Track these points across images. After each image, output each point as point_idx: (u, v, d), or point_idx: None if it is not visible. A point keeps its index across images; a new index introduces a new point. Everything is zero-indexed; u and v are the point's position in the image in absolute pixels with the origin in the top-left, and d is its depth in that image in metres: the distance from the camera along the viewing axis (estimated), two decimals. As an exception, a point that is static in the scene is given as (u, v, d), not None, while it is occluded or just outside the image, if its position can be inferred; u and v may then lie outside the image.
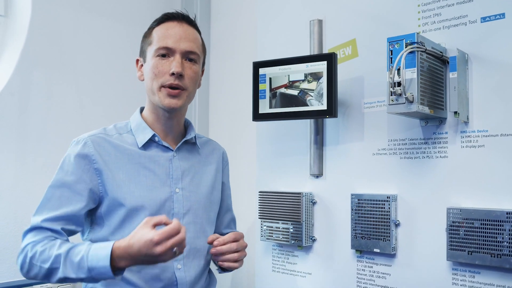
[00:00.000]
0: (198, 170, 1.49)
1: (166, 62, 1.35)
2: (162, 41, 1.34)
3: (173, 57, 1.35)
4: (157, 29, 1.38)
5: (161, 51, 1.35)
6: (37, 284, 1.83)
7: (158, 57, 1.35)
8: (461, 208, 1.41)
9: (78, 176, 1.31)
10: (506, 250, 1.32)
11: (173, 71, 1.33)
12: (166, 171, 1.40)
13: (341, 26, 1.74)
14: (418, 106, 1.31)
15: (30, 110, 1.88)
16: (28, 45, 1.88)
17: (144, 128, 1.39)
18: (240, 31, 2.18)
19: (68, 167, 1.33)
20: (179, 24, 1.38)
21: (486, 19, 1.41)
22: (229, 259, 1.37)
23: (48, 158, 1.92)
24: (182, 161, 1.44)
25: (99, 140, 1.36)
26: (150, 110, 1.42)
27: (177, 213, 1.39)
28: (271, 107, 1.74)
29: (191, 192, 1.43)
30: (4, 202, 1.79)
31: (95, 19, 2.09)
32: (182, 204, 1.40)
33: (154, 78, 1.35)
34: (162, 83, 1.34)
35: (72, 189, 1.30)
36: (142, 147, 1.38)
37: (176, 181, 1.41)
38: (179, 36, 1.36)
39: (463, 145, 1.45)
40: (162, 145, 1.41)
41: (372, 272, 1.63)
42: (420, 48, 1.33)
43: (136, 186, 1.34)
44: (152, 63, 1.35)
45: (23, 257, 1.25)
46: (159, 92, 1.35)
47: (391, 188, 1.60)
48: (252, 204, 2.03)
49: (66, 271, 1.19)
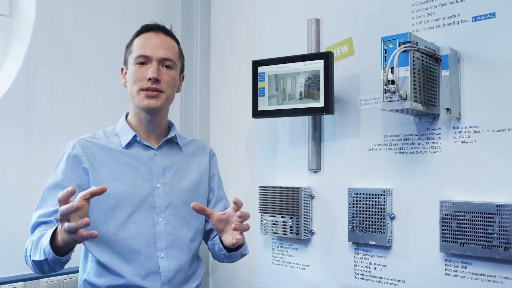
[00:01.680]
0: (181, 167, 1.57)
1: (144, 68, 1.47)
2: (140, 50, 1.48)
3: (150, 64, 1.47)
4: (137, 39, 1.51)
5: (139, 59, 1.47)
6: (43, 278, 1.87)
7: (137, 65, 1.48)
8: (453, 201, 1.45)
9: (69, 175, 1.44)
10: (496, 241, 1.36)
11: (149, 76, 1.45)
12: (148, 168, 1.50)
13: (337, 25, 1.77)
14: (411, 103, 1.35)
15: (36, 108, 1.90)
16: (33, 44, 1.90)
17: (127, 130, 1.52)
18: (240, 30, 2.19)
19: (60, 169, 1.46)
20: (155, 34, 1.51)
21: (478, 19, 1.45)
22: (244, 228, 1.34)
23: (53, 155, 1.92)
24: (164, 158, 1.54)
25: (86, 143, 1.49)
26: (134, 113, 1.54)
27: (159, 206, 1.49)
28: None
29: (173, 187, 1.52)
30: (11, 197, 1.82)
31: (98, 19, 2.11)
32: (163, 198, 1.49)
33: (134, 83, 1.47)
34: (141, 87, 1.47)
35: (64, 187, 1.33)
36: (125, 147, 1.50)
37: (158, 177, 1.50)
38: (156, 45, 1.48)
39: (455, 140, 1.49)
40: (143, 145, 1.52)
41: (369, 264, 1.68)
42: (413, 47, 1.37)
43: (119, 182, 1.45)
44: (132, 70, 1.48)
45: (24, 256, 1.37)
46: (138, 95, 1.47)
47: (387, 182, 1.64)
48: (252, 198, 2.06)
49: (34, 255, 1.28)
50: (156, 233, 1.46)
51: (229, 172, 2.21)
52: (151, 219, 1.47)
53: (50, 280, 1.87)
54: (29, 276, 1.84)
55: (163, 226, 1.48)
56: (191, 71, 2.30)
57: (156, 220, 1.47)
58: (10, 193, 1.83)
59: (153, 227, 1.46)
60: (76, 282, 1.94)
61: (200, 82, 2.32)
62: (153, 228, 1.46)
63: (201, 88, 2.33)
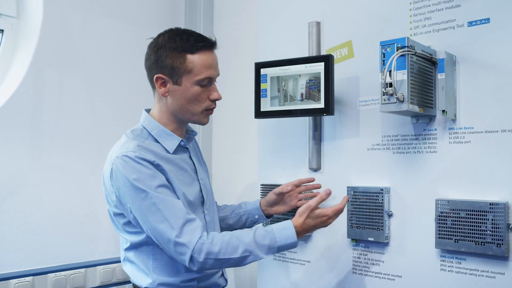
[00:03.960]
0: (199, 161, 1.65)
1: (206, 89, 1.47)
2: (205, 73, 1.45)
3: (210, 85, 1.48)
4: (195, 58, 1.44)
5: (205, 82, 1.46)
6: (51, 273, 1.90)
7: (199, 86, 1.46)
8: (448, 200, 1.48)
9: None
10: (489, 238, 1.40)
11: (216, 98, 1.49)
12: (191, 167, 1.55)
13: (338, 28, 1.79)
14: (408, 105, 1.38)
15: (44, 108, 1.92)
16: (40, 45, 1.92)
17: (169, 134, 1.50)
18: (242, 32, 2.20)
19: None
20: (213, 53, 1.49)
21: (473, 24, 1.48)
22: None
23: (61, 155, 1.97)
24: (193, 156, 1.59)
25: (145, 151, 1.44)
26: (171, 120, 1.51)
27: (205, 200, 1.56)
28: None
29: (204, 180, 1.60)
30: (19, 195, 1.85)
31: (104, 20, 2.13)
32: (204, 192, 1.57)
33: (197, 103, 1.47)
34: (206, 107, 1.49)
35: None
36: (173, 152, 1.50)
37: (198, 173, 1.57)
38: (215, 65, 1.49)
39: (451, 141, 1.52)
40: (183, 147, 1.55)
41: (367, 260, 1.71)
42: (410, 52, 1.40)
43: (181, 184, 1.47)
44: (194, 90, 1.45)
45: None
46: (201, 114, 1.49)
47: (385, 181, 1.67)
48: (255, 196, 2.09)
49: (259, 254, 1.40)
50: (207, 223, 1.54)
51: (232, 171, 2.24)
52: (202, 212, 1.54)
53: (58, 275, 1.90)
54: (37, 271, 1.87)
55: (208, 217, 1.56)
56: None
57: (205, 212, 1.55)
58: (18, 191, 1.85)
59: (204, 219, 1.54)
60: (83, 277, 1.97)
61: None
62: (204, 220, 1.54)
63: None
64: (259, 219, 1.76)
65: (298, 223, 1.44)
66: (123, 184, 1.38)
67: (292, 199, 1.75)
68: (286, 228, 1.43)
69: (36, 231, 1.91)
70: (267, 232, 1.42)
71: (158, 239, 1.38)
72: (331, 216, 1.48)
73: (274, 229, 1.43)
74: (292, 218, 1.47)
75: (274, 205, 1.76)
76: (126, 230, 1.47)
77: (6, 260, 1.82)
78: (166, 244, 1.37)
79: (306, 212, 1.45)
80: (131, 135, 1.48)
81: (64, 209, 1.99)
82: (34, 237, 1.90)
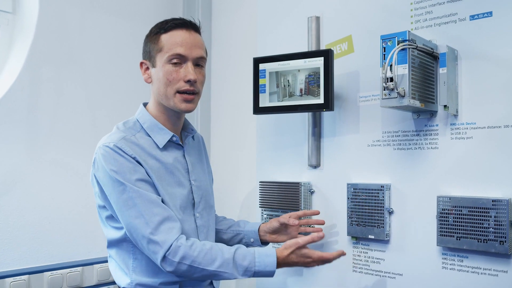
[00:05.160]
0: (199, 160, 1.59)
1: (179, 69, 1.41)
2: (174, 49, 1.40)
3: (185, 64, 1.41)
4: (166, 36, 1.42)
5: (174, 59, 1.40)
6: (47, 271, 1.88)
7: (170, 64, 1.41)
8: (450, 196, 1.47)
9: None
10: (492, 235, 1.38)
11: (189, 78, 1.40)
12: (183, 166, 1.50)
13: (337, 23, 1.78)
14: (409, 100, 1.37)
15: (39, 105, 1.90)
16: (36, 41, 1.90)
17: (160, 129, 1.46)
18: (241, 27, 2.19)
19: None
20: (188, 32, 1.43)
21: (475, 17, 1.47)
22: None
23: (58, 152, 1.94)
24: (189, 155, 1.54)
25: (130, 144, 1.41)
26: (160, 111, 1.48)
27: (196, 202, 1.50)
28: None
29: (200, 182, 1.54)
30: (15, 193, 1.83)
31: (101, 16, 2.11)
32: (197, 194, 1.51)
33: (169, 84, 1.41)
34: (177, 89, 1.41)
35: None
36: (163, 147, 1.45)
37: (191, 174, 1.51)
38: (190, 44, 1.42)
39: (452, 136, 1.51)
40: (176, 143, 1.50)
41: (367, 258, 1.70)
42: (411, 45, 1.39)
43: (165, 184, 1.42)
44: (165, 70, 1.41)
45: None
46: (174, 98, 1.42)
47: (385, 177, 1.65)
48: (253, 193, 2.08)
49: (234, 273, 1.36)
50: (197, 227, 1.50)
51: (230, 168, 2.22)
52: (192, 215, 1.49)
53: (54, 274, 1.88)
54: (33, 269, 1.85)
55: (200, 220, 1.51)
56: (192, 67, 2.30)
57: (196, 215, 1.50)
58: (14, 188, 1.83)
59: (194, 223, 1.49)
60: (79, 275, 1.95)
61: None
62: (195, 224, 1.49)
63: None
64: (254, 243, 1.69)
65: (282, 255, 1.40)
66: (103, 175, 1.36)
67: (293, 230, 1.70)
68: (269, 255, 1.38)
69: (32, 229, 1.89)
70: (249, 253, 1.38)
71: (133, 235, 1.34)
72: (315, 260, 1.43)
73: (256, 252, 1.38)
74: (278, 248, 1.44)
75: (274, 233, 1.70)
76: (109, 224, 1.44)
77: (1, 259, 1.80)
78: (140, 240, 1.33)
79: (293, 247, 1.41)
80: (122, 127, 1.46)
81: (60, 206, 1.97)
82: (30, 235, 1.88)
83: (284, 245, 1.42)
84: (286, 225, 1.67)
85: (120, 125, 1.47)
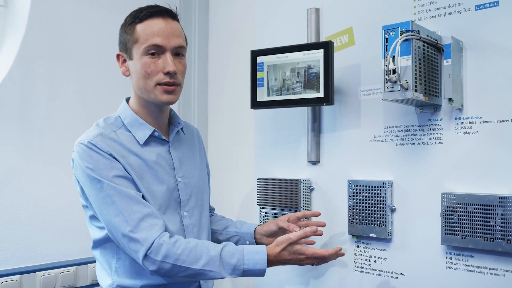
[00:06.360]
0: (190, 155, 1.54)
1: (157, 60, 1.35)
2: (151, 40, 1.34)
3: (163, 55, 1.35)
4: (142, 26, 1.36)
5: (152, 49, 1.34)
6: (39, 271, 1.86)
7: (148, 56, 1.34)
8: (455, 193, 1.44)
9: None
10: (499, 234, 1.35)
11: (168, 70, 1.34)
12: (168, 163, 1.44)
13: (337, 14, 1.76)
14: (412, 93, 1.33)
15: (32, 99, 1.90)
16: (28, 35, 1.89)
17: (141, 124, 1.41)
18: (239, 19, 2.19)
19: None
20: (164, 20, 1.37)
21: (481, 7, 1.43)
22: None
23: (52, 148, 1.94)
24: (176, 150, 1.48)
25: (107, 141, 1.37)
26: (141, 105, 1.42)
27: (183, 200, 1.44)
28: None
29: (189, 178, 1.48)
30: (7, 190, 1.82)
31: (95, 10, 2.10)
32: (185, 191, 1.46)
33: (148, 77, 1.35)
34: (157, 81, 1.35)
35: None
36: (143, 143, 1.40)
37: (177, 171, 1.45)
38: (167, 33, 1.35)
39: (457, 131, 1.48)
40: (159, 139, 1.44)
41: (369, 257, 1.67)
42: (415, 36, 1.35)
43: (145, 181, 1.37)
44: (142, 62, 1.35)
45: None
46: (155, 90, 1.36)
47: (387, 174, 1.62)
48: (251, 190, 2.06)
49: (221, 272, 1.29)
50: (184, 227, 1.43)
51: (228, 164, 2.21)
52: (178, 214, 1.43)
53: (47, 274, 1.87)
54: (25, 269, 1.84)
55: (188, 219, 1.45)
56: (189, 61, 2.28)
57: (182, 214, 1.44)
58: (6, 185, 1.83)
59: (180, 222, 1.43)
60: (73, 275, 1.93)
61: (198, 73, 2.31)
62: (180, 223, 1.43)
63: (199, 79, 2.32)
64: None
65: (273, 252, 1.33)
66: (81, 173, 1.32)
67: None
68: (258, 252, 1.31)
69: (25, 227, 1.87)
70: (237, 251, 1.31)
71: (113, 234, 1.30)
72: (309, 257, 1.36)
73: (245, 249, 1.31)
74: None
75: (271, 237, 1.59)
76: (93, 224, 1.40)
77: (-8, 258, 1.78)
78: (120, 239, 1.29)
79: (285, 244, 1.34)
80: (102, 123, 1.41)
81: (54, 204, 1.95)
82: (22, 234, 1.87)
83: (276, 242, 1.36)
84: (284, 229, 1.59)
85: (100, 122, 1.42)
